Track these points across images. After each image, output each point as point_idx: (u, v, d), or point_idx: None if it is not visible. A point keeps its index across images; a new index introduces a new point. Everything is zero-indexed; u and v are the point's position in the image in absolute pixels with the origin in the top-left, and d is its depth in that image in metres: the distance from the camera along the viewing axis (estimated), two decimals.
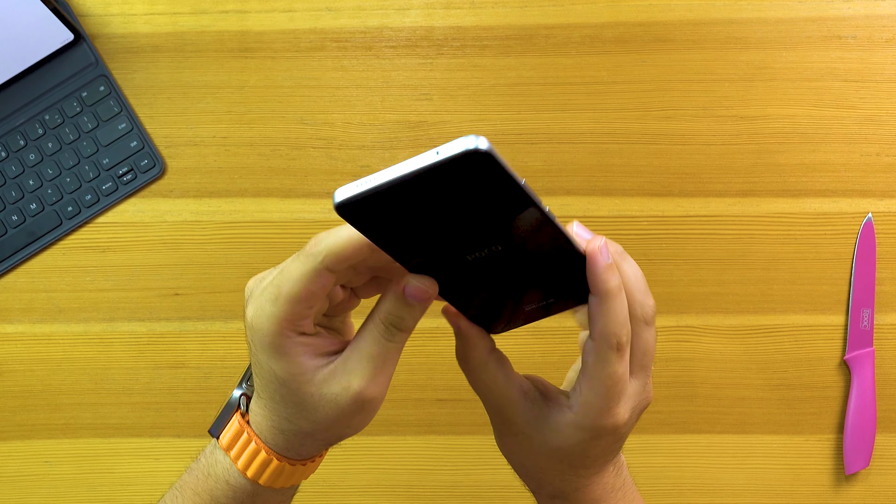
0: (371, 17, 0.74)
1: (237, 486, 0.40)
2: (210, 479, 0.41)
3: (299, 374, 0.36)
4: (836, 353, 0.72)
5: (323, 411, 0.36)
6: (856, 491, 0.72)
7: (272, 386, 0.37)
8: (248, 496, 0.40)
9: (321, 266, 0.33)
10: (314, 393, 0.36)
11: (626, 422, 0.38)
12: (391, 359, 0.36)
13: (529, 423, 0.39)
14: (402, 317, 0.35)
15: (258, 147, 0.74)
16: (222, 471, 0.40)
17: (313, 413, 0.36)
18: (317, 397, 0.36)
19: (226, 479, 0.40)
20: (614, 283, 0.35)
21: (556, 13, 0.73)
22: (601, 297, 0.35)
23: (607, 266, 0.35)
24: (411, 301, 0.34)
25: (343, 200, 0.28)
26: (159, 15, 0.75)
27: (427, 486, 0.73)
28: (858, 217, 0.72)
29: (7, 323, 0.74)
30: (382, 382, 0.36)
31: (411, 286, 0.34)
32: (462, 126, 0.73)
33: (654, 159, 0.73)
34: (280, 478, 0.40)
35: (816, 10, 0.73)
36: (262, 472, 0.39)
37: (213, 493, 0.41)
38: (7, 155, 0.74)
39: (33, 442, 0.73)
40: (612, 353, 0.35)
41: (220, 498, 0.40)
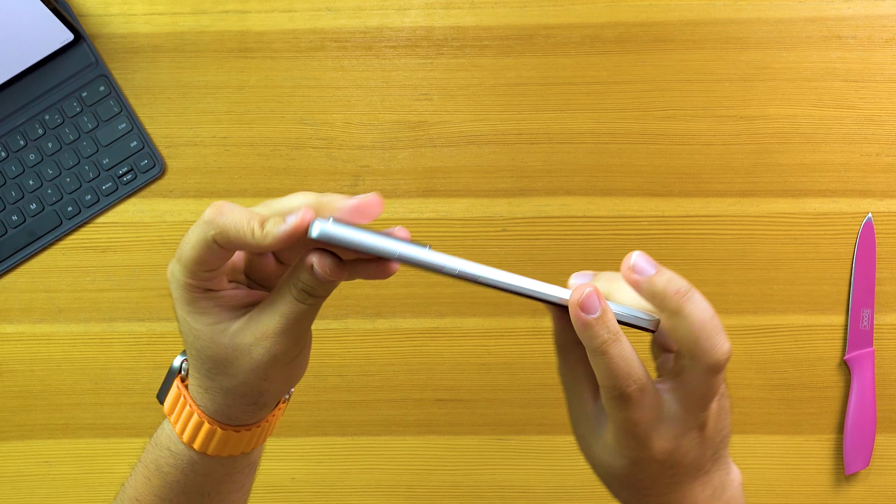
0: (371, 17, 0.74)
1: (177, 452, 0.40)
2: (156, 447, 0.41)
3: (212, 325, 0.36)
4: (836, 353, 0.72)
5: (238, 363, 0.36)
6: (856, 491, 0.72)
7: (190, 340, 0.37)
8: (187, 464, 0.40)
9: (210, 239, 0.34)
10: (227, 343, 0.36)
11: (673, 451, 0.34)
12: (304, 317, 0.36)
13: (588, 430, 0.37)
14: (314, 286, 0.35)
15: (258, 147, 0.74)
16: (165, 438, 0.41)
17: (229, 366, 0.36)
18: (230, 348, 0.36)
19: (167, 446, 0.40)
20: (601, 339, 0.32)
21: (556, 13, 0.73)
22: (591, 352, 0.33)
23: (594, 321, 0.32)
24: (320, 277, 0.34)
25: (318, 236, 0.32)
26: (159, 15, 0.75)
27: (427, 486, 0.73)
28: (858, 217, 0.72)
29: (7, 323, 0.74)
30: (294, 337, 0.36)
31: (317, 264, 0.34)
32: (462, 126, 0.73)
33: (654, 159, 0.73)
34: (213, 443, 0.39)
35: (816, 10, 0.73)
36: (195, 435, 0.39)
37: (158, 461, 0.41)
38: (7, 155, 0.74)
39: (33, 442, 0.73)
40: (619, 402, 0.33)
41: (164, 466, 0.40)
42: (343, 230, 0.31)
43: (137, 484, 0.41)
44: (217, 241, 0.34)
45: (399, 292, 0.73)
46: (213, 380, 0.38)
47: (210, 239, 0.34)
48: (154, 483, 0.41)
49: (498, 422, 0.73)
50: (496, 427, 0.73)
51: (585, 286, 0.32)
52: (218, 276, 0.36)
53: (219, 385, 0.38)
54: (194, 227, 0.35)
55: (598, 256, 0.72)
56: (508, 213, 0.73)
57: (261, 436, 0.41)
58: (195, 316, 0.36)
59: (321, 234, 0.31)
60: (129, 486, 0.42)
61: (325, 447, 0.73)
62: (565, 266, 0.72)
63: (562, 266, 0.72)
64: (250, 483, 0.45)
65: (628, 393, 0.32)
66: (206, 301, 0.36)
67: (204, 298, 0.36)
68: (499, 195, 0.73)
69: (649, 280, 0.34)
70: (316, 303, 0.35)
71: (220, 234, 0.34)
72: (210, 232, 0.34)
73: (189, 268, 0.35)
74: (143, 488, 0.41)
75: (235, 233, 0.33)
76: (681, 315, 0.32)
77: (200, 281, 0.36)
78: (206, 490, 0.41)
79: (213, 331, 0.36)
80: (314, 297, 0.35)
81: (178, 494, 0.40)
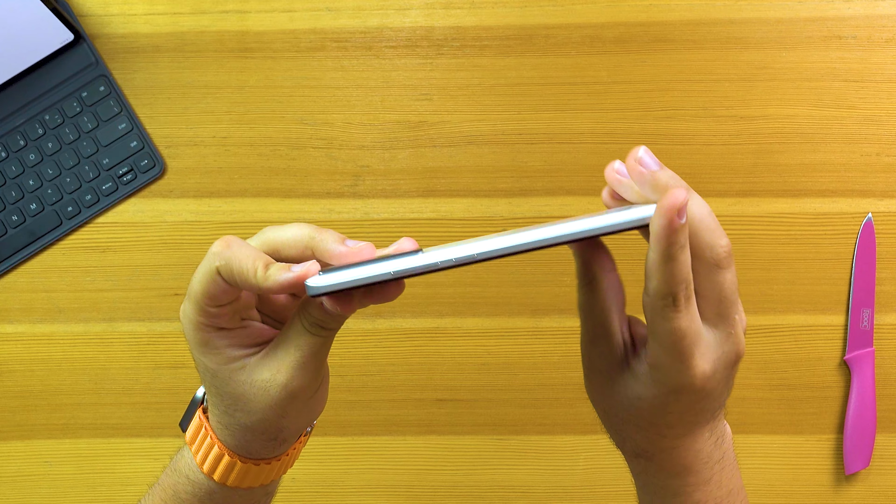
0: (371, 17, 0.74)
1: (196, 481, 0.40)
2: (175, 473, 0.41)
3: (226, 364, 0.36)
4: (836, 353, 0.72)
5: (255, 400, 0.36)
6: (856, 491, 0.72)
7: (207, 378, 0.37)
8: (205, 493, 0.40)
9: (215, 271, 0.34)
10: (244, 381, 0.36)
11: (710, 377, 0.34)
12: (319, 350, 0.36)
13: (614, 365, 0.36)
14: (325, 320, 0.35)
15: (258, 147, 0.74)
16: (184, 465, 0.41)
17: (246, 403, 0.36)
18: (247, 385, 0.36)
19: (186, 474, 0.40)
20: (679, 245, 0.31)
21: (556, 13, 0.73)
22: (664, 257, 0.31)
23: (681, 227, 0.31)
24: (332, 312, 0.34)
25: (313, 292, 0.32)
26: (159, 15, 0.75)
27: (427, 486, 0.73)
28: (858, 217, 0.72)
29: (7, 323, 0.74)
30: (311, 371, 0.36)
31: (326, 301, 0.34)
32: (462, 126, 0.73)
33: None
34: (233, 475, 0.39)
35: (816, 10, 0.73)
36: (215, 467, 0.39)
37: (176, 487, 0.41)
38: (7, 155, 0.74)
39: (33, 442, 0.73)
40: (669, 310, 0.32)
41: (181, 493, 0.40)
42: (335, 277, 0.32)
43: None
44: (222, 273, 0.34)
45: None
46: (232, 416, 0.37)
47: (215, 270, 0.34)
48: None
49: (498, 422, 0.73)
50: (496, 427, 0.73)
51: (678, 191, 0.31)
52: (229, 313, 0.36)
53: (237, 422, 0.37)
54: (203, 261, 0.35)
55: None
56: (508, 213, 0.73)
57: (281, 468, 0.41)
58: (209, 356, 0.36)
59: (315, 292, 0.32)
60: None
61: (325, 447, 0.73)
62: (565, 266, 0.72)
63: (561, 266, 0.72)
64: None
65: (680, 297, 0.32)
66: (220, 340, 0.36)
67: (217, 337, 0.36)
68: (499, 195, 0.73)
69: (653, 174, 0.34)
70: (329, 335, 0.35)
71: (225, 267, 0.34)
72: (215, 263, 0.34)
73: (198, 303, 0.35)
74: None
75: (239, 269, 0.33)
76: None
77: (211, 318, 0.35)
78: None
79: (229, 370, 0.36)
80: (327, 330, 0.35)
81: None
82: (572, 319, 0.72)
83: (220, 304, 0.35)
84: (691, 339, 0.33)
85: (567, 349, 0.72)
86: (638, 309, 0.35)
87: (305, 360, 0.35)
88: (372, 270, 0.32)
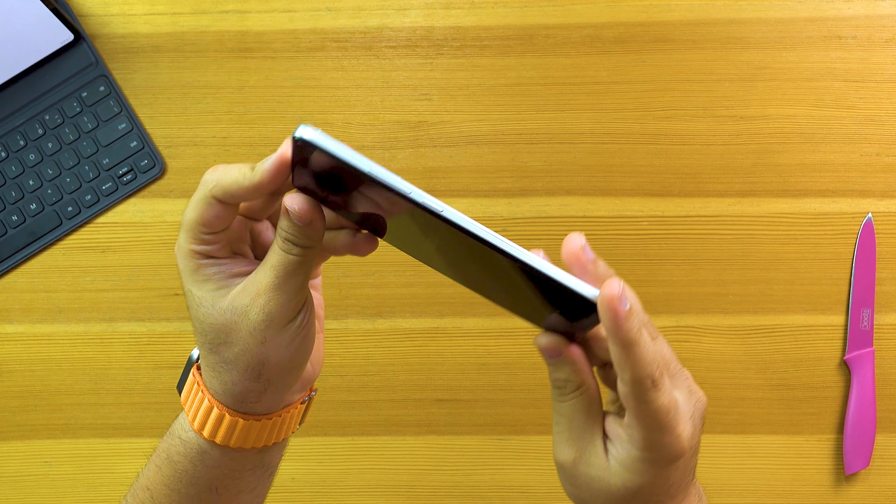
0: (371, 17, 0.74)
1: (187, 440, 0.40)
2: (169, 437, 0.41)
3: (213, 291, 0.37)
4: (836, 353, 0.72)
5: (235, 329, 0.36)
6: (856, 491, 0.72)
7: (194, 311, 0.37)
8: (196, 453, 0.40)
9: (209, 195, 0.35)
10: (227, 308, 0.36)
11: (693, 435, 0.35)
12: (295, 270, 0.35)
13: (598, 454, 0.36)
14: (295, 233, 0.35)
15: (258, 147, 0.74)
16: (178, 427, 0.41)
17: (228, 333, 0.36)
18: (229, 312, 0.36)
19: (179, 435, 0.40)
20: (636, 329, 0.32)
21: (556, 13, 0.73)
22: (625, 345, 0.32)
23: (628, 313, 0.31)
24: (295, 220, 0.34)
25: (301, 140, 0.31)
26: (159, 15, 0.75)
27: (427, 486, 0.73)
28: (858, 217, 0.72)
29: (7, 323, 0.74)
30: (287, 292, 0.36)
31: (289, 203, 0.34)
32: (462, 126, 0.73)
33: (654, 159, 0.73)
34: (221, 430, 0.39)
35: (816, 10, 0.73)
36: (205, 422, 0.39)
37: (169, 451, 0.41)
38: (7, 155, 0.74)
39: (33, 442, 0.73)
40: (650, 393, 0.32)
41: (174, 455, 0.40)
42: (324, 138, 0.31)
43: (149, 473, 0.41)
44: (215, 195, 0.35)
45: (399, 292, 0.73)
46: (217, 353, 0.37)
47: (209, 195, 0.35)
48: (164, 472, 0.41)
49: (498, 422, 0.73)
50: (496, 427, 0.73)
51: (613, 281, 0.32)
52: (221, 241, 0.37)
53: (222, 358, 0.37)
54: (196, 191, 0.36)
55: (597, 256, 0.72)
56: (508, 213, 0.73)
57: (271, 431, 0.41)
58: (199, 284, 0.37)
59: (303, 133, 0.31)
60: (141, 476, 0.42)
61: (325, 447, 0.73)
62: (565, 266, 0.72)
63: (561, 266, 0.72)
64: (264, 488, 0.44)
65: (658, 377, 0.32)
66: (209, 268, 0.37)
67: (207, 265, 0.37)
68: (499, 195, 0.73)
69: (593, 264, 0.36)
70: (302, 254, 0.35)
71: (217, 186, 0.35)
72: (208, 187, 0.35)
73: (192, 231, 0.36)
74: (154, 477, 0.41)
75: (230, 181, 0.35)
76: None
77: (203, 245, 0.36)
78: (213, 484, 0.40)
79: (214, 296, 0.36)
80: (299, 247, 0.35)
81: (187, 485, 0.40)
82: None
83: (214, 231, 0.36)
84: (674, 412, 0.34)
85: None
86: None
87: (280, 281, 0.35)
88: (354, 156, 0.31)
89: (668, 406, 0.33)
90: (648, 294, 0.72)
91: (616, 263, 0.72)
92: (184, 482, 0.40)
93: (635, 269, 0.72)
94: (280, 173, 0.35)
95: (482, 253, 0.32)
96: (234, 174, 0.35)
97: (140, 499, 0.42)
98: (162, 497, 0.41)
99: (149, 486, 0.41)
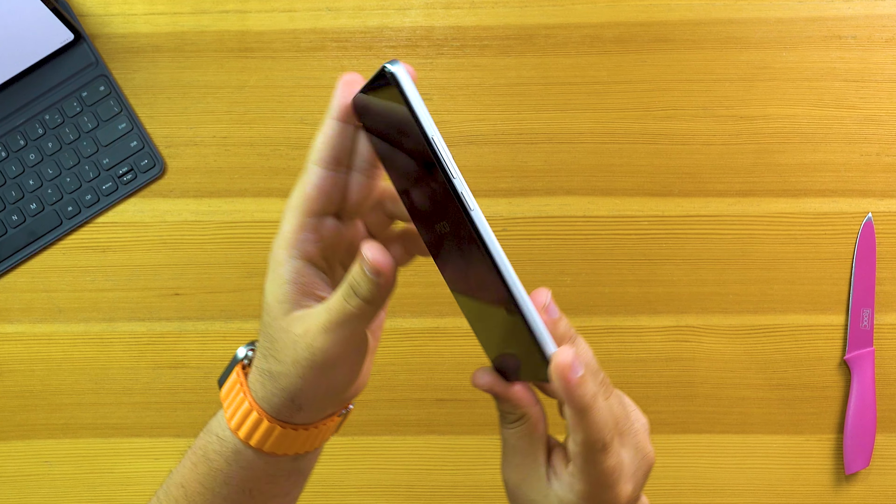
0: (371, 17, 0.74)
1: (224, 439, 0.39)
2: (207, 433, 0.41)
3: (279, 304, 0.36)
4: (836, 353, 0.72)
5: (284, 350, 0.36)
6: (856, 491, 0.72)
7: (263, 311, 0.37)
8: (231, 452, 0.39)
9: (310, 164, 0.35)
10: (284, 327, 0.36)
11: (633, 491, 0.36)
12: (349, 321, 0.35)
13: (542, 492, 0.37)
14: (359, 283, 0.34)
15: (258, 147, 0.74)
16: (216, 424, 0.40)
17: (278, 351, 0.36)
18: (284, 332, 0.36)
19: (216, 432, 0.40)
20: (590, 396, 0.33)
21: (556, 13, 0.73)
22: (580, 413, 0.33)
23: (580, 381, 0.32)
24: (367, 271, 0.34)
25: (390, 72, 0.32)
26: (159, 15, 0.75)
27: (427, 486, 0.73)
28: (858, 217, 0.72)
29: (7, 323, 0.74)
30: (337, 339, 0.35)
31: (365, 252, 0.34)
32: (462, 126, 0.73)
33: (654, 159, 0.73)
34: (257, 433, 0.38)
35: (816, 10, 0.73)
36: (242, 422, 0.38)
37: (206, 448, 0.40)
38: (7, 155, 0.74)
39: (33, 442, 0.73)
40: (599, 454, 0.34)
41: (210, 453, 0.40)
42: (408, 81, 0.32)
43: (184, 470, 0.41)
44: (315, 160, 0.35)
45: (399, 292, 0.73)
46: (266, 360, 0.37)
47: (310, 165, 0.35)
48: (200, 470, 0.40)
49: (498, 422, 0.72)
50: (496, 427, 0.72)
51: (563, 351, 0.32)
52: (320, 239, 0.36)
53: (269, 368, 0.37)
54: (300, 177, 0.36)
55: (598, 256, 0.72)
56: (508, 213, 0.73)
57: (305, 441, 0.40)
58: (275, 283, 0.36)
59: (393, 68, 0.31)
60: (175, 473, 0.42)
61: (326, 447, 0.73)
62: (565, 266, 0.72)
63: (561, 266, 0.72)
64: (296, 494, 0.44)
65: (608, 441, 0.34)
66: (291, 271, 0.36)
67: (291, 270, 0.36)
68: (499, 195, 0.73)
69: (553, 323, 0.35)
70: (361, 308, 0.35)
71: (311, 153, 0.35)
72: (310, 160, 0.35)
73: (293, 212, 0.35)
74: (190, 474, 0.41)
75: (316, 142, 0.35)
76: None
77: (303, 236, 0.36)
78: (247, 486, 0.40)
79: (279, 309, 0.36)
80: (360, 301, 0.34)
81: (221, 485, 0.40)
82: (572, 319, 0.72)
83: (318, 213, 0.36)
84: (618, 474, 0.35)
85: None
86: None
87: (332, 326, 0.35)
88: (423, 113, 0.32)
89: (614, 468, 0.34)
90: (648, 294, 0.72)
91: (616, 263, 0.72)
92: (218, 481, 0.40)
93: (635, 269, 0.72)
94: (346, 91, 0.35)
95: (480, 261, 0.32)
96: (327, 129, 0.35)
97: (174, 496, 0.41)
98: (196, 495, 0.40)
99: (183, 483, 0.41)
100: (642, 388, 0.72)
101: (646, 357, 0.72)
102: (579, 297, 0.72)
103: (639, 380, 0.72)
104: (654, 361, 0.72)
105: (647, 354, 0.72)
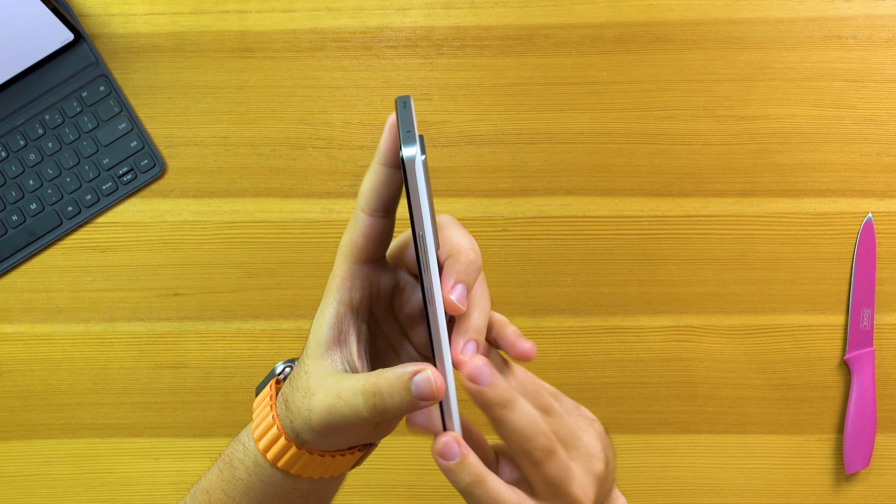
0: (371, 17, 0.74)
1: (248, 447, 0.40)
2: (236, 442, 0.41)
3: (318, 344, 0.37)
4: (836, 353, 0.72)
5: (306, 398, 0.37)
6: (856, 491, 0.72)
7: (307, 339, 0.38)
8: (253, 462, 0.40)
9: (358, 211, 0.36)
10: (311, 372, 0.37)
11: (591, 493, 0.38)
12: (359, 424, 0.36)
13: None
14: (386, 406, 0.35)
15: (258, 147, 0.74)
16: (245, 432, 0.41)
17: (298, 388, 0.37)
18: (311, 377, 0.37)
19: (244, 441, 0.40)
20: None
21: (556, 13, 0.73)
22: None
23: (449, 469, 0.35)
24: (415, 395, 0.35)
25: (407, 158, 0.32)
26: (159, 15, 0.75)
27: (427, 486, 0.73)
28: (858, 217, 0.72)
29: (7, 323, 0.74)
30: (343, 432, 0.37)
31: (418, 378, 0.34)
32: (462, 126, 0.73)
33: (654, 159, 0.73)
34: (273, 449, 0.39)
35: (816, 10, 0.73)
36: (262, 435, 0.39)
37: (232, 455, 0.41)
38: (7, 155, 0.74)
39: (33, 442, 0.73)
40: (532, 466, 0.36)
41: (235, 461, 0.40)
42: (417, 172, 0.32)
43: (211, 477, 0.42)
44: (362, 207, 0.36)
45: None
46: (290, 385, 0.38)
47: (357, 212, 0.36)
48: (225, 476, 0.41)
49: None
50: None
51: (446, 435, 0.35)
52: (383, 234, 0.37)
53: (290, 394, 0.38)
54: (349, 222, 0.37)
55: (598, 256, 0.72)
56: (508, 213, 0.73)
57: (319, 466, 0.40)
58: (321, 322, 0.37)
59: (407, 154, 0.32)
60: (203, 479, 0.43)
61: None
62: (565, 266, 0.72)
63: (561, 266, 0.72)
64: None
65: (545, 449, 0.36)
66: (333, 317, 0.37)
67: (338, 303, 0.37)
68: (499, 195, 0.73)
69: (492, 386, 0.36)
70: (379, 418, 0.35)
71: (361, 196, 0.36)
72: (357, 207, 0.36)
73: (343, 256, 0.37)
74: (216, 481, 0.41)
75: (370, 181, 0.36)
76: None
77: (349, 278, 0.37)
78: (263, 500, 0.40)
79: (315, 349, 0.37)
80: (377, 411, 0.35)
81: (242, 494, 0.40)
82: (572, 319, 0.72)
83: (358, 256, 0.37)
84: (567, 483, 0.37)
85: (567, 349, 0.72)
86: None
87: (348, 420, 0.36)
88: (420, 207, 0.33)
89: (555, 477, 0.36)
90: (648, 294, 0.72)
91: (616, 263, 0.72)
92: (239, 490, 0.40)
93: (635, 269, 0.72)
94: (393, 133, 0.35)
95: None
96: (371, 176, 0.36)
97: (199, 501, 0.42)
98: (218, 502, 0.41)
99: (209, 489, 0.42)
100: (642, 388, 0.72)
101: (646, 357, 0.72)
102: (579, 297, 0.72)
103: (639, 380, 0.72)
104: (654, 361, 0.72)
105: (647, 354, 0.72)
